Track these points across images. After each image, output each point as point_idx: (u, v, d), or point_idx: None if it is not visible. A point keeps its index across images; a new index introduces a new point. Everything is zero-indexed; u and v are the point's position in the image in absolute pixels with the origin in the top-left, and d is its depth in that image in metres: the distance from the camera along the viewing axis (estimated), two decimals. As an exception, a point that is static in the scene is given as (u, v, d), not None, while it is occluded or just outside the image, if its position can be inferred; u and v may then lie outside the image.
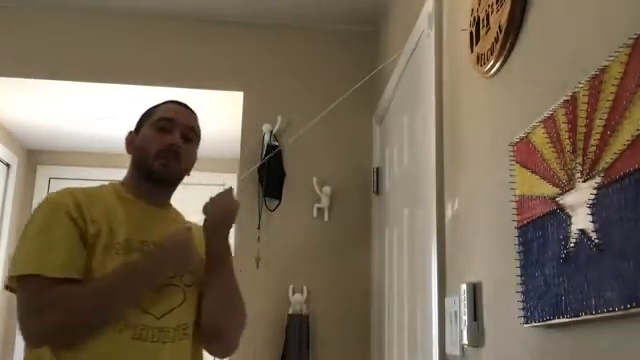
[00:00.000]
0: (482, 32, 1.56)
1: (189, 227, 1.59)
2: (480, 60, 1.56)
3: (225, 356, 1.75)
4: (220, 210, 1.62)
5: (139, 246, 1.53)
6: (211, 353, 1.70)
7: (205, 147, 1.98)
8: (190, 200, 1.83)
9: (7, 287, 1.51)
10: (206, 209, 1.63)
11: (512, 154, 1.31)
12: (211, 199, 1.64)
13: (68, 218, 1.47)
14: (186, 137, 1.64)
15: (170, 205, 1.71)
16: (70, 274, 1.44)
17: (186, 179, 1.71)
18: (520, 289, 1.23)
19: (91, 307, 1.44)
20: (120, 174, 1.72)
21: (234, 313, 1.63)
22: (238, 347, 1.67)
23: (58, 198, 1.53)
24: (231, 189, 1.68)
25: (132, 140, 1.67)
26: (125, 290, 1.47)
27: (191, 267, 1.56)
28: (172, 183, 1.67)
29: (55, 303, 1.41)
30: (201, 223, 1.66)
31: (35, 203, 4.05)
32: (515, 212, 1.28)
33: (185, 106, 1.73)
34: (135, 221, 1.56)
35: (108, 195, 1.60)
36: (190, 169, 1.69)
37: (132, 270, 1.48)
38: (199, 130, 1.72)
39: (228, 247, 1.64)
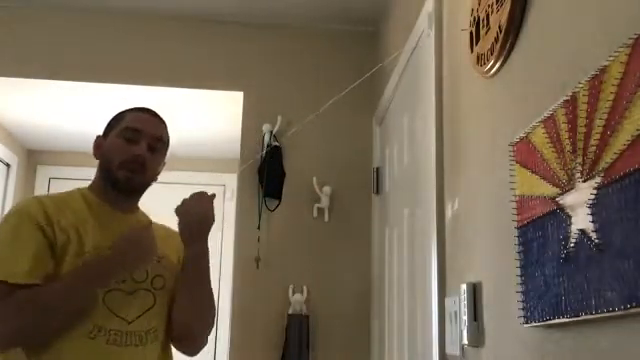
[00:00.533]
0: (482, 32, 1.56)
1: (147, 225, 1.60)
2: (480, 60, 1.56)
3: (192, 354, 1.78)
4: (192, 212, 1.64)
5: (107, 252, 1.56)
6: (179, 350, 1.73)
7: (205, 147, 1.99)
8: None
9: None
10: (177, 210, 1.64)
11: (512, 154, 1.31)
12: (183, 201, 1.66)
13: (35, 227, 1.50)
14: (152, 147, 1.66)
15: (138, 209, 1.74)
16: (33, 280, 1.48)
17: (186, 179, 1.73)
18: (520, 289, 1.23)
19: (49, 307, 1.47)
20: None
21: (203, 315, 1.69)
22: (205, 345, 1.72)
23: (26, 208, 1.56)
24: (212, 195, 1.68)
25: (100, 145, 1.70)
26: (80, 289, 1.50)
27: (147, 264, 1.57)
28: (136, 192, 1.70)
29: (16, 307, 1.45)
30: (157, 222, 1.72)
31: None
32: (515, 212, 1.28)
33: (154, 114, 1.75)
34: (103, 228, 1.59)
35: (76, 202, 1.63)
36: (156, 177, 1.72)
37: (87, 269, 1.51)
38: (167, 138, 1.74)
39: (203, 250, 1.65)
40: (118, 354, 1.51)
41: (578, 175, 1.05)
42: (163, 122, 1.75)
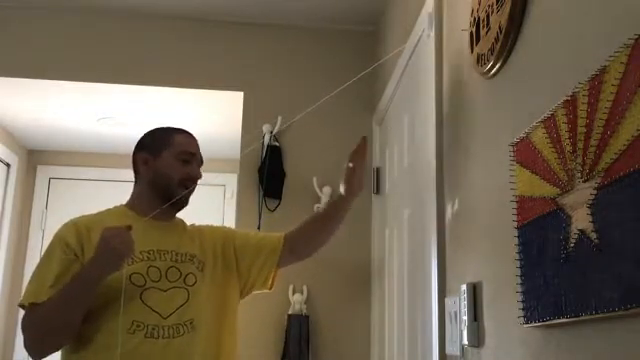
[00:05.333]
0: (482, 32, 1.56)
1: (128, 225, 1.69)
2: (480, 60, 1.56)
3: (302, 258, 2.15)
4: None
5: (140, 256, 1.75)
6: (294, 255, 2.07)
7: (205, 147, 2.01)
8: (189, 199, 1.96)
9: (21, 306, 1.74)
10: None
11: (512, 154, 1.31)
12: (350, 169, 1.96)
13: (65, 250, 1.72)
14: (199, 166, 1.93)
15: (174, 219, 1.95)
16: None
17: None
18: (520, 289, 1.23)
19: (52, 317, 1.66)
20: (120, 174, 1.79)
21: (328, 235, 2.12)
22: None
23: (60, 232, 1.78)
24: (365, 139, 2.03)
25: (147, 162, 1.89)
26: (72, 294, 1.65)
27: (128, 258, 1.67)
28: (185, 205, 1.92)
29: (29, 324, 1.68)
30: (199, 223, 2.00)
31: (35, 203, 4.12)
32: (515, 212, 1.28)
33: (193, 137, 1.98)
34: (140, 238, 1.71)
35: (111, 218, 1.81)
36: None
37: (75, 276, 1.67)
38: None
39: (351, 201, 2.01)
40: (156, 345, 1.68)
41: (578, 175, 1.05)
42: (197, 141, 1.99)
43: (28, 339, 1.68)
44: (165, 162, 1.87)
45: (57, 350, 1.72)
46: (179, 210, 1.92)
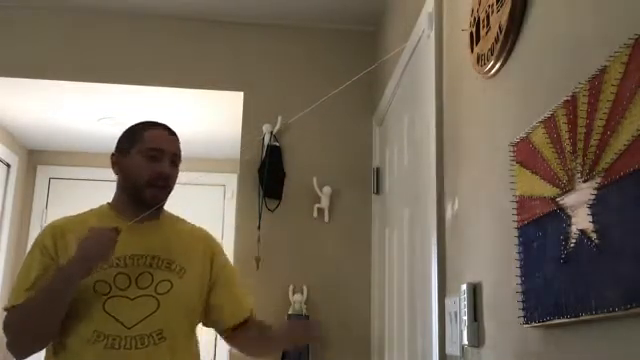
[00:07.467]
0: (482, 32, 1.56)
1: (115, 228, 1.64)
2: (480, 60, 1.56)
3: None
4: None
5: (110, 263, 1.66)
6: (234, 341, 1.94)
7: (205, 147, 2.00)
8: (189, 199, 1.89)
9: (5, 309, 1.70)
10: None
11: (512, 154, 1.31)
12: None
13: (42, 252, 1.69)
14: (172, 162, 1.78)
15: (159, 217, 1.81)
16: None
17: (186, 179, 1.82)
18: (520, 289, 1.23)
19: (26, 319, 1.62)
20: None
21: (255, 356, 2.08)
22: None
23: (40, 236, 1.75)
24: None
25: (118, 162, 1.80)
26: (47, 295, 1.61)
27: (105, 261, 1.63)
28: (161, 206, 1.80)
29: (7, 324, 1.65)
30: (197, 224, 1.89)
31: (35, 203, 4.12)
32: (515, 212, 1.28)
33: (169, 130, 1.83)
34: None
35: (91, 218, 1.76)
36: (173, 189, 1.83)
37: (50, 277, 1.63)
38: (181, 152, 1.83)
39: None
40: (115, 357, 1.60)
41: (578, 175, 1.05)
42: (177, 137, 1.83)
43: (8, 340, 1.64)
44: (132, 161, 1.75)
45: (38, 350, 1.67)
46: (156, 209, 1.77)
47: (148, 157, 1.73)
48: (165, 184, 1.75)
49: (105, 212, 1.79)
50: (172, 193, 1.80)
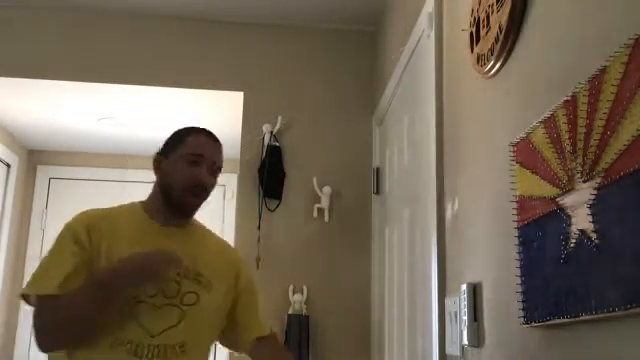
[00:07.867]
0: (482, 32, 1.56)
1: (179, 258, 1.59)
2: (480, 60, 1.56)
3: None
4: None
5: None
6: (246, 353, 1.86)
7: (205, 147, 1.99)
8: None
9: (22, 296, 1.64)
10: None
11: (512, 154, 1.31)
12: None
13: (73, 243, 1.60)
14: (211, 170, 1.74)
15: (190, 224, 1.77)
16: (60, 293, 1.56)
17: None
18: (520, 289, 1.23)
19: (65, 320, 1.55)
20: (120, 174, 1.75)
21: None
22: None
23: (72, 222, 1.66)
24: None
25: (159, 164, 1.74)
26: (88, 300, 1.55)
27: (153, 282, 1.58)
28: (193, 214, 1.76)
29: (39, 316, 1.57)
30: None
31: (35, 203, 4.12)
32: (515, 212, 1.28)
33: (213, 138, 1.81)
34: (141, 240, 1.64)
35: (122, 215, 1.71)
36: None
37: (93, 282, 1.56)
38: (222, 162, 1.82)
39: None
40: None
41: (578, 175, 1.05)
42: (221, 145, 1.81)
43: (42, 329, 1.56)
44: (172, 164, 1.71)
45: (70, 345, 1.59)
46: (188, 217, 1.76)
47: (188, 162, 1.69)
48: (201, 192, 1.70)
49: (137, 211, 1.73)
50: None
